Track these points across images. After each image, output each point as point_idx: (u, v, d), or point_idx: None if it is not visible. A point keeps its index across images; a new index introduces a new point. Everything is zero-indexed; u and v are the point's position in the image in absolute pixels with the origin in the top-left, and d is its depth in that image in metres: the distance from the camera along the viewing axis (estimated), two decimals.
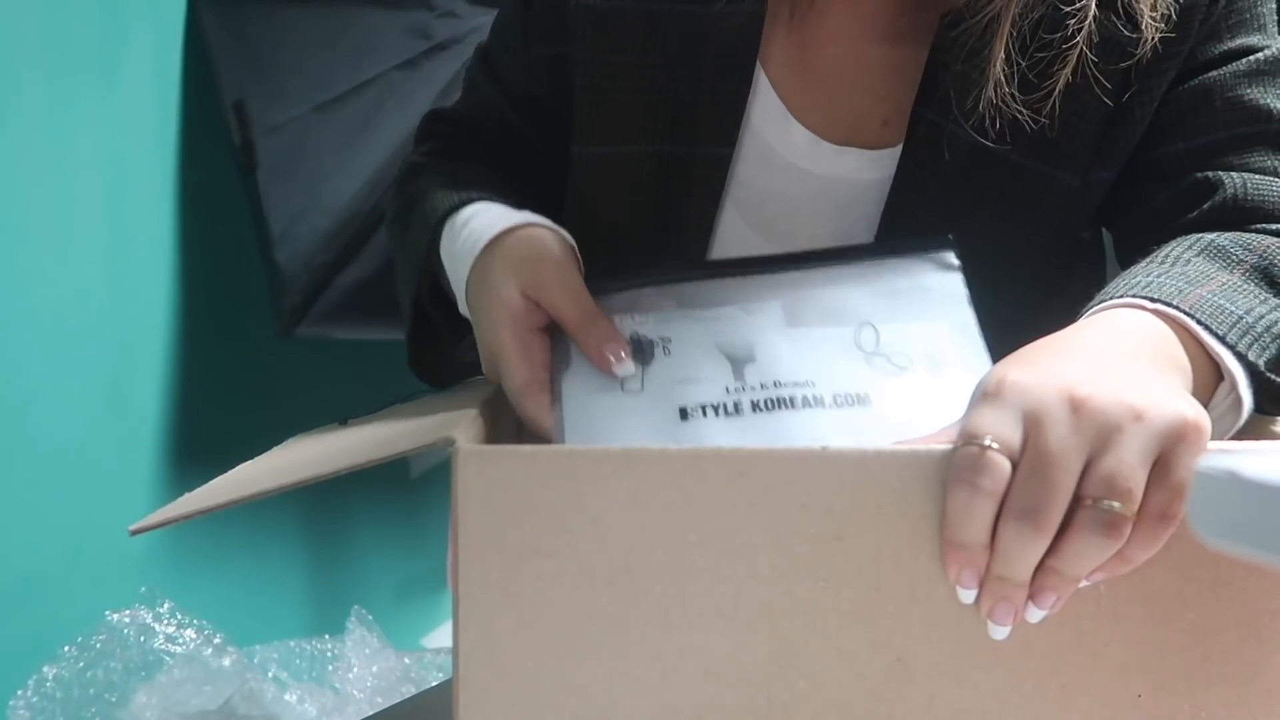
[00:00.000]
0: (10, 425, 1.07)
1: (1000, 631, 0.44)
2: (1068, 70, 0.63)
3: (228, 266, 1.35)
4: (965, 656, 0.45)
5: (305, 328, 1.27)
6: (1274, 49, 0.67)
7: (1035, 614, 0.44)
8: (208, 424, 1.32)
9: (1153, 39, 0.64)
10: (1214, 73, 0.67)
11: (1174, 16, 0.65)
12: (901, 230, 0.70)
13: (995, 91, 0.64)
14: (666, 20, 0.70)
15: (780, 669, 0.45)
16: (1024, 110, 0.64)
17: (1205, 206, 0.65)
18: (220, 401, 1.33)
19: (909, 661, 0.45)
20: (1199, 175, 0.66)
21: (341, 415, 0.75)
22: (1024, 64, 0.64)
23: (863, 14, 0.70)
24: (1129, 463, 0.42)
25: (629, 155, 0.73)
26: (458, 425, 0.49)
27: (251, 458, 0.64)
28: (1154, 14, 0.64)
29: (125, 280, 1.20)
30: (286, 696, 1.14)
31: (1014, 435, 0.43)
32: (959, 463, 0.43)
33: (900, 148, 0.70)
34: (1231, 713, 0.45)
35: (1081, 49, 0.63)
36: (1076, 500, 0.42)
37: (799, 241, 0.73)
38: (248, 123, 1.23)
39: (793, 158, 0.72)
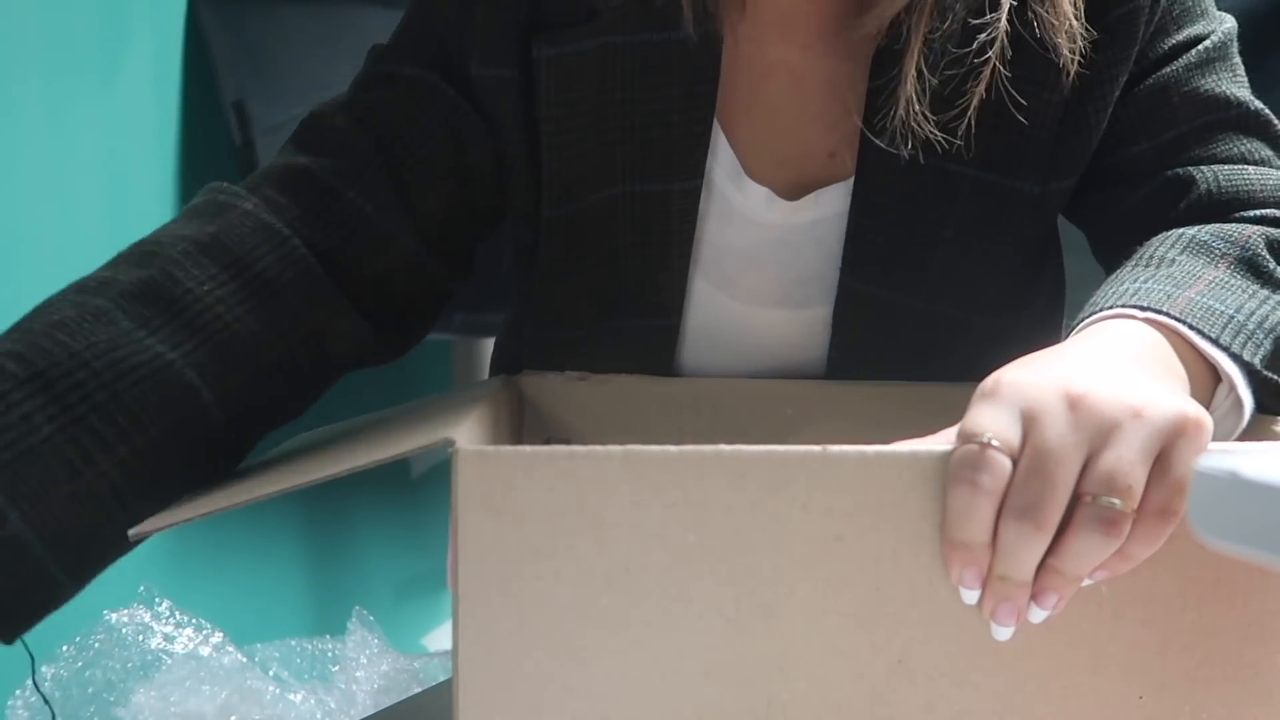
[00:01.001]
0: None
1: (1003, 632, 0.44)
2: (981, 88, 0.63)
3: None
4: (966, 658, 0.45)
5: None
6: (1218, 32, 0.68)
7: (1038, 614, 0.43)
8: None
9: (1071, 69, 0.64)
10: (1167, 69, 0.67)
11: (1107, 25, 0.65)
12: (865, 260, 0.69)
13: (906, 110, 0.63)
14: (624, 52, 0.67)
15: (781, 670, 0.45)
16: (936, 131, 0.64)
17: (1181, 205, 0.65)
18: None
19: (910, 663, 0.45)
20: (1170, 174, 0.66)
21: (341, 415, 0.75)
22: (934, 82, 0.63)
23: (796, 40, 0.69)
24: (1128, 459, 0.42)
25: (599, 203, 0.70)
26: (458, 425, 0.49)
27: (250, 458, 0.64)
28: (1071, 45, 0.63)
29: None
30: (287, 696, 1.14)
31: (1013, 433, 0.43)
32: (959, 461, 0.43)
33: (850, 182, 0.68)
34: (1232, 713, 0.45)
35: (997, 68, 0.63)
36: (1076, 498, 0.42)
37: (764, 294, 0.72)
38: (248, 122, 1.23)
39: (751, 214, 0.70)
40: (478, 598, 0.44)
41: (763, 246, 0.71)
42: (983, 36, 0.62)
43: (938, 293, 0.70)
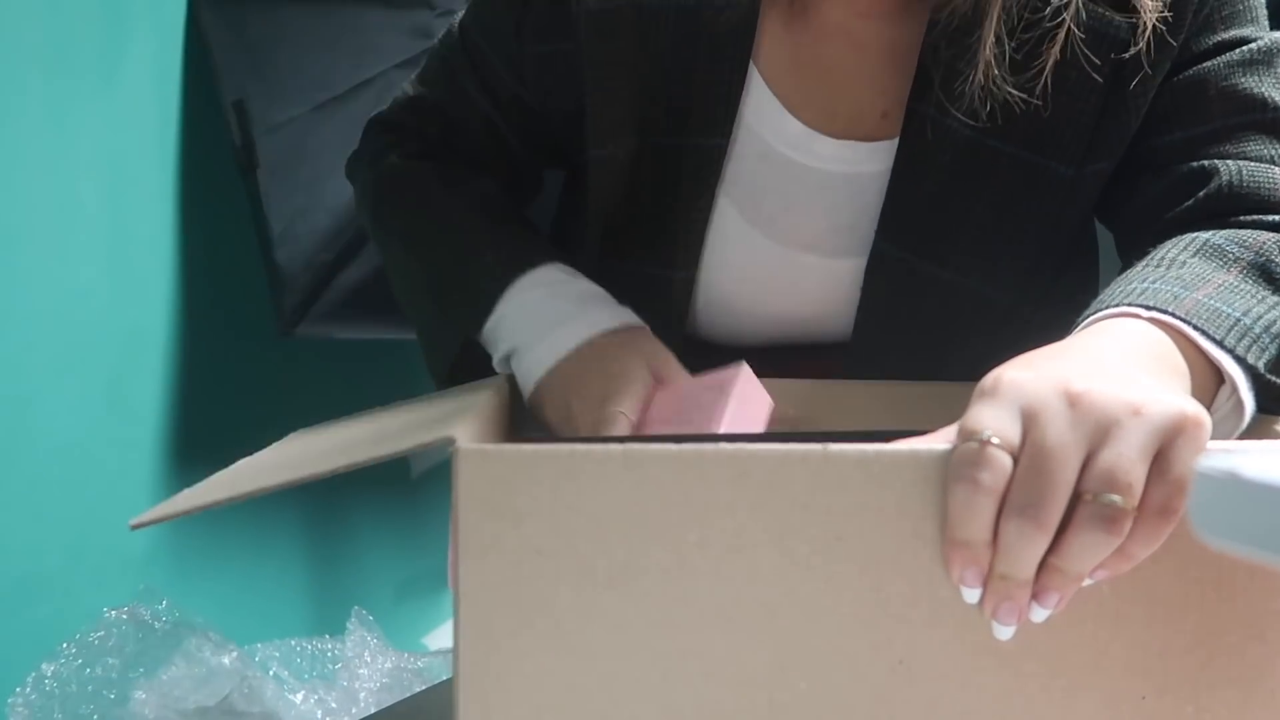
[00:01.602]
0: (11, 423, 1.07)
1: (1004, 631, 0.44)
2: (1056, 49, 0.64)
3: (228, 266, 1.34)
4: (968, 658, 0.45)
5: (305, 327, 1.27)
6: (1266, 40, 0.68)
7: (1039, 614, 0.43)
8: (208, 423, 1.32)
9: (1148, 27, 0.64)
10: (1208, 63, 0.67)
11: (1166, 8, 0.65)
12: (900, 223, 0.71)
13: (985, 74, 0.64)
14: (660, 15, 0.70)
15: (782, 670, 0.45)
16: (1015, 92, 0.64)
17: (1200, 195, 0.65)
18: (220, 401, 1.33)
19: (911, 664, 0.45)
20: (1193, 164, 0.66)
21: (341, 410, 0.75)
22: (1011, 46, 0.64)
23: (856, 6, 0.71)
24: (1128, 456, 0.41)
25: (626, 153, 0.73)
26: (458, 424, 0.49)
27: (252, 455, 0.64)
28: (1154, 3, 0.64)
29: (125, 279, 1.20)
30: (286, 695, 1.14)
31: (1013, 431, 0.43)
32: (959, 459, 0.43)
33: (896, 141, 0.70)
34: (1235, 714, 0.45)
35: (1070, 29, 0.63)
36: (1076, 496, 0.42)
37: (799, 236, 0.73)
38: (248, 122, 1.23)
39: (789, 152, 0.72)
40: (478, 597, 0.44)
41: (802, 189, 0.72)
42: (1055, 1, 0.63)
43: (966, 265, 0.71)
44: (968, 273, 0.71)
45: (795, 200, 0.73)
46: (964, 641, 0.45)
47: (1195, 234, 0.62)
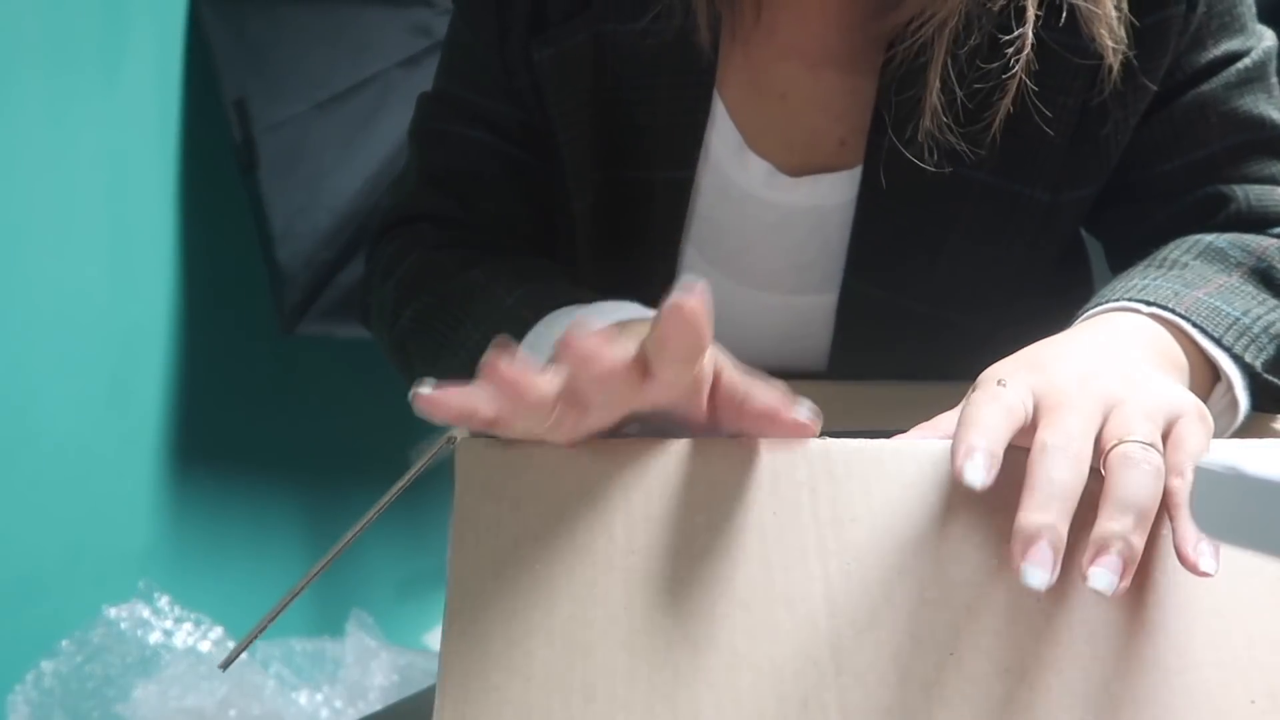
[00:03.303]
0: (11, 422, 1.07)
1: (1038, 577, 0.38)
2: (1008, 100, 0.61)
3: (228, 264, 1.34)
4: (1020, 648, 0.41)
5: (306, 326, 1.27)
6: (1258, 50, 0.66)
7: (1106, 580, 0.38)
8: (208, 421, 1.32)
9: (1113, 70, 0.61)
10: (1204, 86, 0.65)
11: (1137, 33, 0.62)
12: (870, 259, 0.68)
13: (932, 121, 0.62)
14: (616, 41, 0.66)
15: (814, 665, 0.41)
16: (962, 143, 0.62)
17: (1211, 224, 0.64)
18: (221, 399, 1.33)
19: (961, 654, 0.41)
20: (1202, 192, 0.65)
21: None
22: (962, 94, 0.61)
23: (810, 32, 0.67)
24: (1138, 416, 0.42)
25: (602, 191, 0.70)
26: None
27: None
28: (1113, 38, 0.61)
29: (126, 278, 1.20)
30: (286, 693, 1.14)
31: (1027, 396, 0.43)
32: (975, 393, 0.43)
33: (860, 169, 0.67)
34: None
35: (1022, 79, 0.60)
36: (1098, 453, 0.41)
37: (759, 276, 0.71)
38: (248, 120, 1.23)
39: (751, 189, 0.69)
40: (470, 583, 0.42)
41: (762, 227, 0.70)
42: (1010, 51, 0.60)
43: (943, 297, 0.69)
44: (944, 305, 0.69)
45: (754, 239, 0.70)
46: (1013, 630, 0.41)
47: (1197, 236, 0.61)
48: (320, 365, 1.44)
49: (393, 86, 1.26)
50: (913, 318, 0.69)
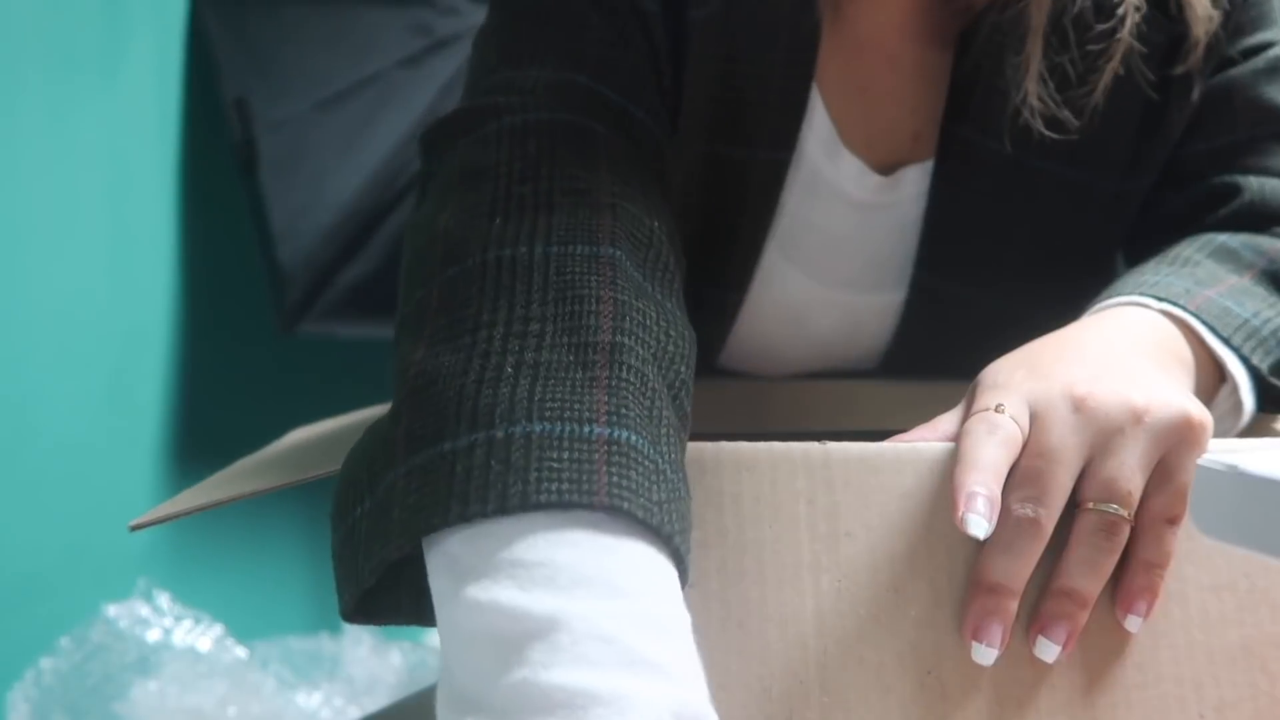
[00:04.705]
0: (12, 421, 1.07)
1: (986, 655, 0.42)
2: (1115, 63, 0.61)
3: (229, 263, 1.34)
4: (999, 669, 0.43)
5: (307, 325, 1.27)
6: None
7: (1050, 650, 0.42)
8: (209, 421, 1.32)
9: (1200, 40, 0.62)
10: (1234, 70, 0.65)
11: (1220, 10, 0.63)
12: (942, 254, 0.68)
13: (1033, 92, 0.61)
14: (738, 12, 0.64)
15: (800, 684, 0.43)
16: (1065, 112, 0.61)
17: (1222, 212, 0.64)
18: (221, 398, 1.33)
19: (941, 674, 0.43)
20: (1216, 180, 0.65)
21: (342, 413, 0.75)
22: (1060, 61, 0.61)
23: (890, 20, 0.66)
24: (1129, 465, 0.42)
25: (692, 161, 0.67)
26: None
27: (251, 454, 0.64)
28: (1203, 9, 0.61)
29: (126, 277, 1.20)
30: (286, 692, 1.14)
31: (1023, 418, 0.43)
32: (974, 419, 0.43)
33: (931, 163, 0.66)
34: None
35: (1127, 43, 0.60)
36: (1076, 506, 0.42)
37: (835, 274, 0.70)
38: (249, 120, 1.23)
39: (839, 186, 0.68)
40: None
41: (846, 226, 0.69)
42: (1120, 11, 0.60)
43: (1010, 290, 0.68)
44: (1012, 297, 0.68)
45: (838, 238, 0.69)
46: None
47: (1210, 235, 0.61)
48: (321, 364, 1.44)
49: (393, 86, 1.26)
50: (978, 309, 0.69)
